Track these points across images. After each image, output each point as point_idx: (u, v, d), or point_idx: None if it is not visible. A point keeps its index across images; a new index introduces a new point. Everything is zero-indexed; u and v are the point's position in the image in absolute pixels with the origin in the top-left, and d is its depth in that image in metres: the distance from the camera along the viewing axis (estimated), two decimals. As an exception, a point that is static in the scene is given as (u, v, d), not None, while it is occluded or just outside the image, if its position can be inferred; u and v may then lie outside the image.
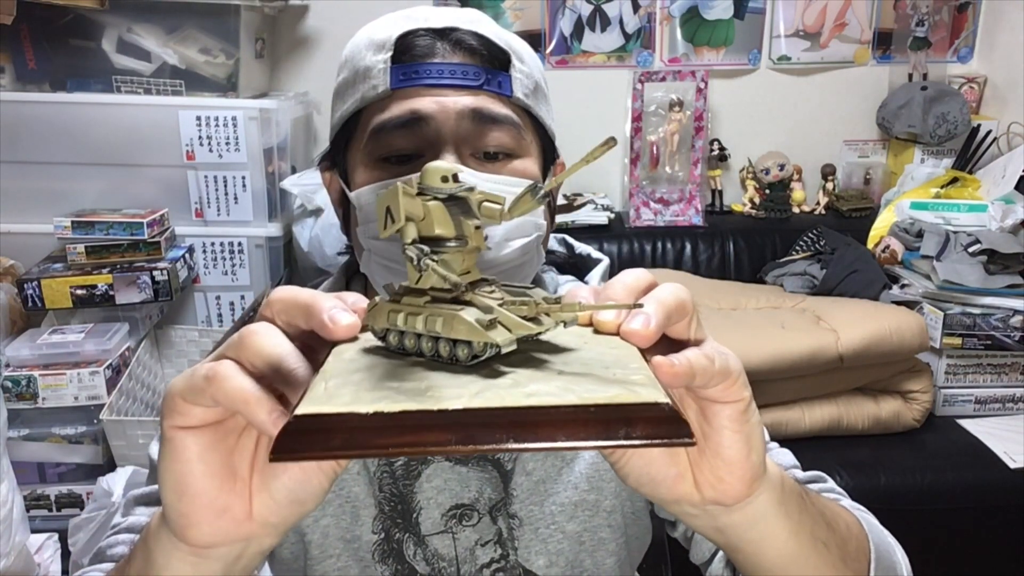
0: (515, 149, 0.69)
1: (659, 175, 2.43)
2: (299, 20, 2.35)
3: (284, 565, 0.77)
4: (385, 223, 0.41)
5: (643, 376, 0.38)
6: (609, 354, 0.41)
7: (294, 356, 0.42)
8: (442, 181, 0.41)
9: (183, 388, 0.42)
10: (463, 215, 0.41)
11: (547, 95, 0.74)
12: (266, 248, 1.94)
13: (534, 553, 0.74)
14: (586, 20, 2.41)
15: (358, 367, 0.41)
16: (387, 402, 0.36)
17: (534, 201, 0.40)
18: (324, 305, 0.43)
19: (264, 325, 0.43)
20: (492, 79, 0.67)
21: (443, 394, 0.37)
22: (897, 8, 2.47)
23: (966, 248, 1.95)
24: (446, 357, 0.40)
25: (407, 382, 0.39)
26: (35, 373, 1.57)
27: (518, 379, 0.38)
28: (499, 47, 0.68)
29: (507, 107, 0.68)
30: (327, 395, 0.38)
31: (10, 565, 1.32)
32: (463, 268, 0.41)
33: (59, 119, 1.84)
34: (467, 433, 0.35)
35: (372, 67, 0.68)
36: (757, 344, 1.72)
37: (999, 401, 1.93)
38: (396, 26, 0.69)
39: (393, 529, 0.74)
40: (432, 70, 0.66)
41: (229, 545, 0.44)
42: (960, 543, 1.72)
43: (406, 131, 0.66)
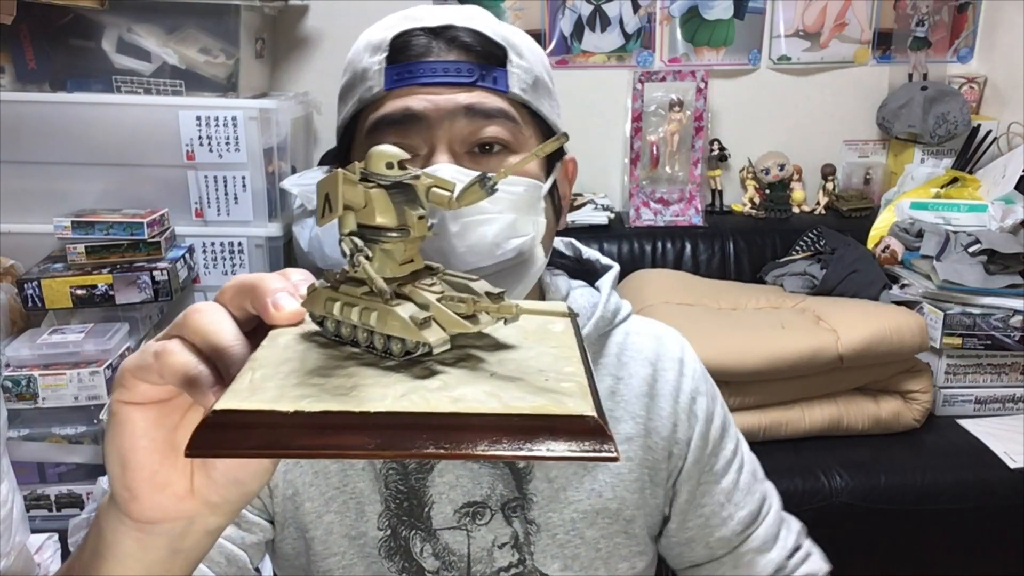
0: (511, 144, 0.68)
1: (659, 175, 2.43)
2: (299, 20, 2.35)
3: (287, 560, 0.77)
4: (323, 211, 0.40)
5: (574, 384, 0.38)
6: (547, 355, 0.41)
7: (231, 335, 0.42)
8: (386, 168, 0.40)
9: (133, 364, 0.43)
10: (407, 203, 0.40)
11: (551, 90, 0.73)
12: (266, 248, 1.94)
13: (550, 557, 0.75)
14: (586, 20, 2.41)
15: (290, 355, 0.40)
16: (310, 400, 0.36)
17: (483, 191, 0.39)
18: (269, 287, 0.43)
19: (208, 304, 0.44)
20: (487, 75, 0.67)
21: (368, 394, 0.36)
22: (897, 8, 2.47)
23: (966, 248, 1.95)
24: (380, 350, 0.40)
25: (334, 378, 0.38)
26: (35, 373, 1.57)
27: (447, 381, 0.37)
28: (495, 43, 0.68)
29: (503, 102, 0.67)
30: (251, 388, 0.37)
31: (10, 565, 1.32)
32: (405, 257, 0.41)
33: (59, 119, 1.84)
34: (388, 437, 0.34)
35: (369, 68, 0.68)
36: (757, 344, 1.72)
37: (999, 401, 1.93)
38: (393, 27, 0.69)
39: (400, 526, 0.73)
40: (426, 69, 0.66)
41: (172, 522, 0.45)
42: (960, 543, 1.72)
43: (400, 128, 0.66)
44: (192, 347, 0.42)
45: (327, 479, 0.74)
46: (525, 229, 0.68)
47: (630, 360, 0.79)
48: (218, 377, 0.41)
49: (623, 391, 0.78)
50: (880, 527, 1.67)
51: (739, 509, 0.81)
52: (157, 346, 0.42)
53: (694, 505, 0.80)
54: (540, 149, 0.39)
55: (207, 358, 0.42)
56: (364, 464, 0.74)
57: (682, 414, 0.79)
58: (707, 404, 0.81)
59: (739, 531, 0.81)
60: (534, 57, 0.72)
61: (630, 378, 0.78)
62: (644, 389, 0.78)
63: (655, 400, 0.78)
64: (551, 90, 0.74)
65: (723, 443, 0.81)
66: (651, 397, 0.78)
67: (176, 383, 0.41)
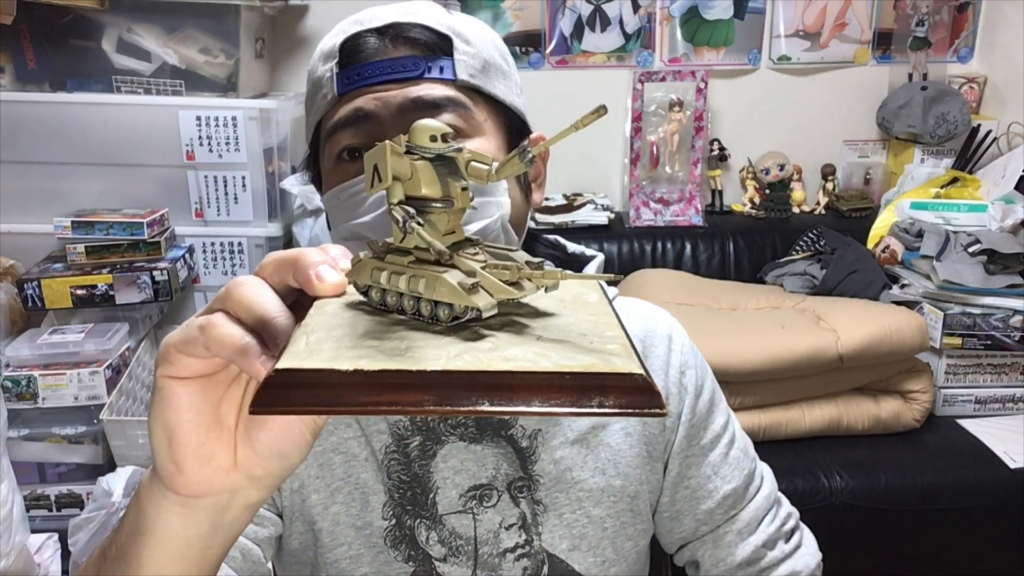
0: (464, 129, 0.69)
1: (659, 175, 2.43)
2: (299, 20, 2.35)
3: (293, 556, 0.78)
4: (372, 181, 0.41)
5: (618, 346, 0.39)
6: (587, 321, 0.42)
7: (276, 306, 0.43)
8: (431, 140, 0.40)
9: (178, 339, 0.44)
10: (450, 176, 0.41)
11: (506, 72, 0.74)
12: (266, 248, 1.94)
13: (558, 537, 0.75)
14: (586, 20, 2.41)
15: (340, 322, 0.41)
16: (367, 360, 0.37)
17: (522, 163, 0.40)
18: (311, 260, 0.44)
19: (250, 277, 0.45)
20: (432, 66, 0.68)
21: (422, 355, 0.37)
22: (897, 8, 2.47)
23: (966, 248, 1.95)
24: (427, 316, 0.41)
25: (387, 341, 0.39)
26: (35, 373, 1.57)
27: (497, 343, 0.38)
28: (440, 33, 0.69)
29: (451, 90, 0.69)
30: (308, 350, 0.38)
31: (10, 565, 1.32)
32: (448, 228, 0.42)
33: (59, 119, 1.84)
34: (444, 394, 0.35)
35: (323, 76, 0.71)
36: (757, 344, 1.72)
37: (999, 401, 1.93)
38: (341, 33, 0.71)
39: (404, 515, 0.74)
40: (373, 69, 0.68)
41: (216, 495, 0.45)
42: (960, 543, 1.72)
43: (354, 129, 0.68)
44: (236, 319, 0.43)
45: (332, 471, 0.75)
46: (488, 211, 0.69)
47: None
48: (264, 348, 0.41)
49: None
50: (880, 527, 1.67)
51: (726, 483, 0.82)
52: (201, 320, 0.43)
53: (682, 477, 0.81)
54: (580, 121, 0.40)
55: (252, 330, 0.42)
56: (367, 455, 0.74)
57: (672, 388, 0.80)
58: (696, 376, 0.82)
59: (725, 507, 0.82)
60: (482, 42, 0.72)
61: None
62: None
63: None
64: (506, 72, 0.74)
65: (712, 416, 0.83)
66: None
67: (224, 354, 0.42)
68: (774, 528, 0.83)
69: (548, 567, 0.75)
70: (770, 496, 0.84)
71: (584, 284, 0.48)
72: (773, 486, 0.86)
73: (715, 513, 0.82)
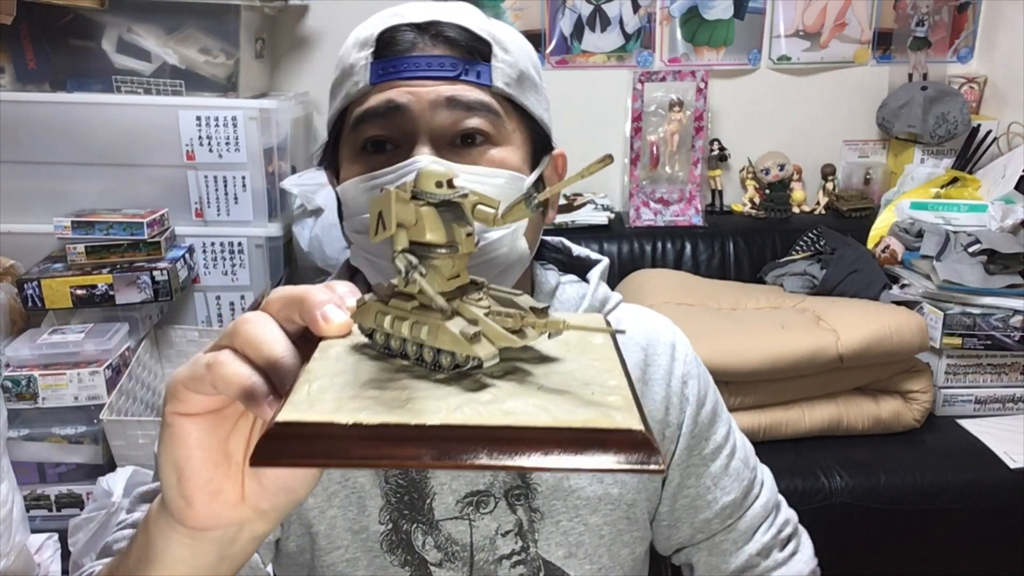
0: (493, 136, 0.69)
1: (659, 175, 2.43)
2: (299, 20, 2.35)
3: (290, 558, 0.78)
4: (376, 229, 0.41)
5: (620, 397, 0.39)
6: (590, 368, 0.42)
7: (283, 346, 0.43)
8: (436, 186, 0.41)
9: (185, 376, 0.44)
10: (455, 221, 0.41)
11: (538, 85, 0.74)
12: (266, 248, 1.94)
13: (554, 544, 0.75)
14: (586, 20, 2.41)
15: (343, 367, 0.41)
16: (367, 413, 0.37)
17: (527, 209, 0.40)
18: (317, 299, 0.44)
19: (257, 314, 0.45)
20: (470, 69, 0.68)
21: (423, 407, 0.37)
22: (897, 8, 2.47)
23: (966, 248, 1.95)
24: (429, 363, 0.41)
25: (389, 390, 0.39)
26: (35, 373, 1.57)
27: (497, 394, 0.38)
28: (480, 37, 0.69)
29: (485, 95, 0.68)
30: (309, 401, 0.38)
31: (10, 565, 1.32)
32: (452, 273, 0.42)
33: (59, 119, 1.84)
34: (443, 449, 0.36)
35: (356, 64, 0.70)
36: (757, 344, 1.72)
37: (999, 401, 1.93)
38: (380, 23, 0.70)
39: (401, 520, 0.74)
40: (410, 63, 0.67)
41: (223, 528, 0.46)
42: (960, 543, 1.71)
43: (383, 120, 0.68)
44: (244, 357, 0.43)
45: (328, 474, 0.75)
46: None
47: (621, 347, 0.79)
48: (271, 387, 0.41)
49: None
50: (880, 527, 1.67)
51: (725, 494, 0.82)
52: (208, 357, 0.43)
53: (682, 487, 0.81)
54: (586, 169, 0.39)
55: (259, 368, 0.42)
56: None
57: (674, 397, 0.80)
58: (698, 387, 0.82)
59: (722, 517, 0.82)
60: (520, 52, 0.72)
61: None
62: (637, 375, 0.79)
63: (648, 385, 0.79)
64: (538, 85, 0.74)
65: (714, 427, 0.82)
66: (644, 382, 0.79)
67: (230, 394, 0.42)
68: (769, 536, 0.83)
69: (544, 574, 0.76)
70: (768, 504, 0.84)
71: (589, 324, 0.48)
72: (772, 492, 0.85)
73: (712, 523, 0.82)
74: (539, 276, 0.80)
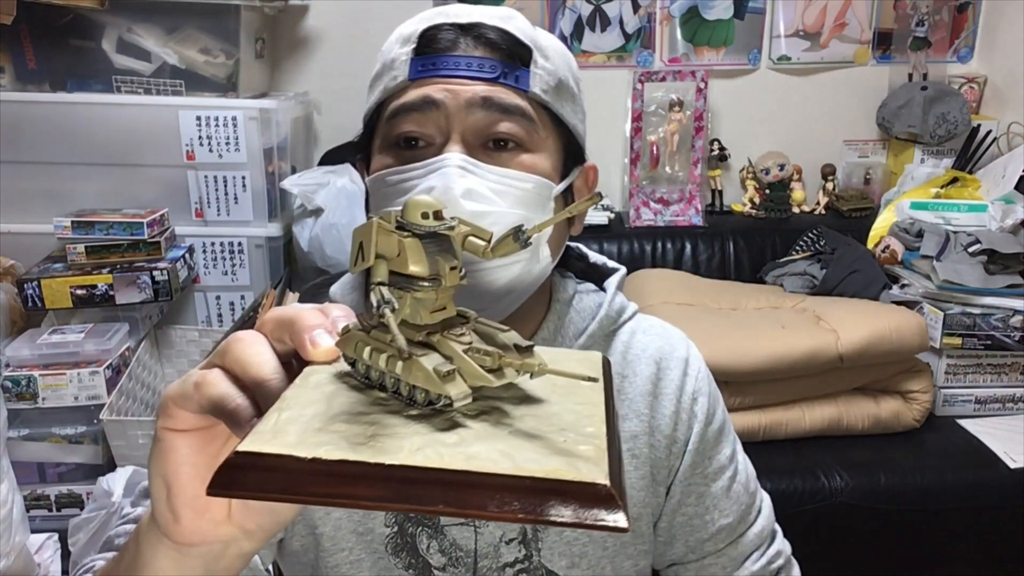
0: (526, 141, 0.69)
1: (659, 175, 2.43)
2: (299, 20, 2.35)
3: (294, 557, 0.78)
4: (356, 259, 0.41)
5: (592, 447, 0.37)
6: (571, 412, 0.41)
7: (270, 368, 0.43)
8: (422, 217, 0.40)
9: (176, 393, 0.44)
10: (440, 253, 0.40)
11: (575, 95, 0.74)
12: (266, 248, 1.94)
13: (557, 554, 0.75)
14: (586, 20, 2.41)
15: (318, 397, 0.41)
16: (329, 448, 0.36)
17: (516, 244, 0.39)
18: (307, 323, 0.44)
19: (250, 334, 0.45)
20: (509, 73, 0.68)
21: (386, 445, 0.37)
22: (897, 8, 2.47)
23: (966, 248, 1.95)
24: (405, 397, 0.40)
25: (356, 425, 0.38)
26: (35, 373, 1.57)
27: (465, 436, 0.38)
28: (521, 42, 0.69)
29: (522, 100, 0.68)
30: (274, 431, 0.38)
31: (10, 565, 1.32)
32: (436, 306, 0.41)
33: (59, 119, 1.84)
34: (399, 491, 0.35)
35: (396, 59, 0.70)
36: (757, 344, 1.72)
37: (999, 401, 1.93)
38: (424, 20, 0.71)
39: (407, 523, 0.74)
40: (449, 62, 0.68)
41: (209, 545, 0.46)
42: (960, 543, 1.71)
43: (418, 115, 0.68)
44: (232, 377, 0.43)
45: None
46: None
47: (635, 359, 0.80)
48: (257, 409, 0.42)
49: (628, 389, 0.78)
50: (880, 527, 1.67)
51: (723, 516, 0.81)
52: (198, 375, 0.43)
53: (682, 504, 0.81)
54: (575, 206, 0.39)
55: (247, 388, 0.42)
56: None
57: (683, 413, 0.79)
58: (708, 404, 0.81)
59: (716, 540, 0.81)
60: (560, 60, 0.72)
61: (635, 376, 0.79)
62: (648, 387, 0.79)
63: (658, 399, 0.79)
64: (575, 95, 0.74)
65: (719, 446, 0.82)
66: (655, 395, 0.79)
67: (215, 414, 0.42)
68: (759, 566, 0.82)
69: None
70: (762, 532, 0.83)
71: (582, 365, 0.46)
72: (768, 520, 0.85)
73: (706, 544, 0.82)
74: (557, 284, 0.80)
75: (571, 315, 0.79)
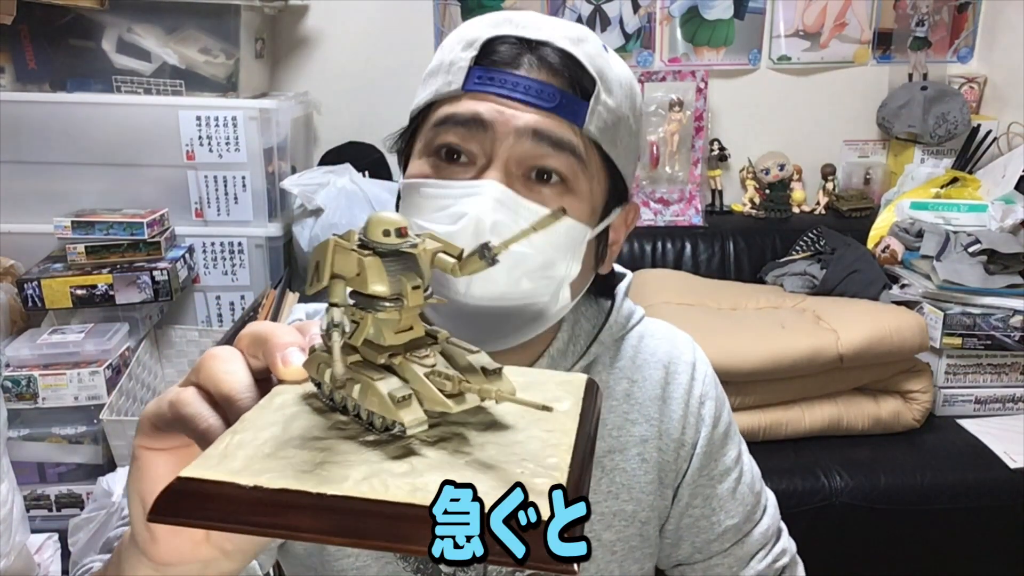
0: (569, 180, 0.65)
1: (659, 175, 2.43)
2: (299, 20, 2.35)
3: (297, 559, 0.78)
4: (312, 280, 0.39)
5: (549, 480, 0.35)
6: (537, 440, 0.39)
7: (242, 385, 0.42)
8: (384, 235, 0.38)
9: (152, 412, 0.44)
10: (403, 272, 0.39)
11: (633, 131, 0.71)
12: (266, 248, 1.94)
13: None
14: (586, 20, 2.41)
15: (277, 419, 0.40)
16: (272, 475, 0.35)
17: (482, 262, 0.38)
18: (280, 341, 0.43)
19: (226, 350, 0.44)
20: (567, 105, 0.64)
21: (331, 473, 0.35)
22: (897, 8, 2.47)
23: (966, 248, 1.95)
24: (365, 422, 0.39)
25: (306, 451, 0.37)
26: (35, 373, 1.57)
27: (416, 465, 0.36)
28: (588, 73, 0.65)
29: (575, 136, 0.65)
30: (221, 455, 0.37)
31: (10, 565, 1.32)
32: (401, 327, 0.39)
33: (59, 119, 1.84)
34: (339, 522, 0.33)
35: (455, 62, 0.67)
36: (757, 344, 1.72)
37: (999, 401, 1.93)
38: (490, 27, 0.67)
39: None
40: (508, 80, 0.64)
41: (187, 565, 0.45)
42: (960, 543, 1.71)
43: (464, 130, 0.65)
44: (206, 395, 0.42)
45: None
46: (555, 270, 0.66)
47: (644, 363, 0.80)
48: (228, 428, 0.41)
49: (637, 394, 0.79)
50: (880, 527, 1.67)
51: (729, 518, 0.82)
52: (172, 395, 0.43)
53: (689, 506, 0.81)
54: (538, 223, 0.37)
55: (220, 406, 0.42)
56: None
57: (691, 417, 0.80)
58: (714, 408, 0.82)
59: (723, 541, 0.82)
60: (624, 97, 0.68)
61: (644, 381, 0.79)
62: (657, 392, 0.79)
63: (667, 403, 0.79)
64: (634, 131, 0.71)
65: (725, 448, 0.82)
66: (664, 400, 0.79)
67: (186, 434, 0.42)
68: (765, 564, 0.83)
69: None
70: (768, 531, 0.84)
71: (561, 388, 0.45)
72: (772, 520, 0.85)
73: (712, 544, 0.82)
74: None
75: (581, 322, 0.78)
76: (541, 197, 0.65)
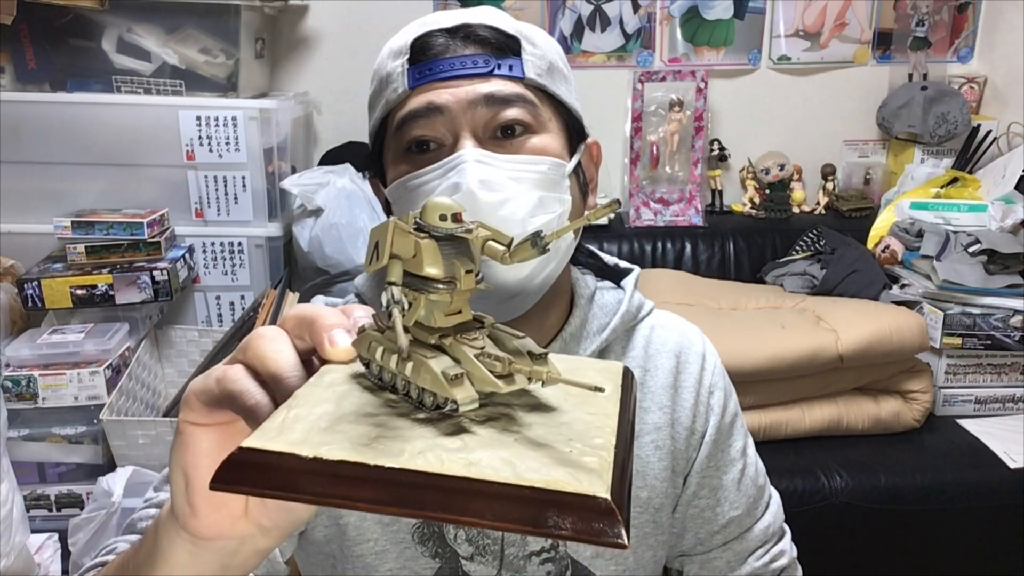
0: (532, 125, 0.71)
1: (659, 175, 2.43)
2: (299, 20, 2.35)
3: (316, 547, 0.78)
4: (371, 258, 0.41)
5: (598, 459, 0.37)
6: (582, 421, 0.40)
7: (290, 364, 0.43)
8: (440, 219, 0.40)
9: (199, 388, 0.45)
10: (457, 256, 0.40)
11: (567, 76, 0.76)
12: (266, 248, 1.94)
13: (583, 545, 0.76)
14: (586, 20, 2.41)
15: (329, 396, 0.41)
16: (331, 448, 0.36)
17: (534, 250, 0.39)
18: (327, 322, 0.44)
19: (272, 330, 0.45)
20: (503, 64, 0.71)
21: (387, 448, 0.36)
22: (897, 8, 2.47)
23: (966, 248, 1.95)
24: (415, 400, 0.40)
25: (362, 425, 0.38)
26: (35, 373, 1.57)
27: (468, 442, 0.37)
28: (509, 34, 0.72)
29: (520, 87, 0.71)
30: (280, 428, 0.38)
31: (10, 565, 1.32)
32: (451, 309, 0.40)
33: (59, 119, 1.84)
34: (396, 494, 0.35)
35: (392, 72, 0.72)
36: (757, 344, 1.72)
37: (999, 401, 1.93)
38: (412, 32, 0.73)
39: None
40: (445, 65, 0.70)
41: (225, 539, 0.46)
42: (960, 543, 1.71)
43: (425, 120, 0.70)
44: (253, 373, 0.43)
45: None
46: (552, 207, 0.71)
47: (656, 352, 0.82)
48: (275, 406, 0.42)
49: (650, 382, 0.81)
50: (880, 527, 1.67)
51: (732, 509, 0.83)
52: (219, 371, 0.44)
53: (696, 496, 0.83)
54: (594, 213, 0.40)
55: (267, 384, 0.43)
56: None
57: (701, 406, 0.82)
58: (723, 398, 0.84)
59: (724, 533, 0.83)
60: (548, 46, 0.75)
61: (656, 370, 0.81)
62: (670, 380, 0.81)
63: (679, 391, 0.81)
64: (567, 76, 0.77)
65: (731, 438, 0.84)
66: (675, 388, 0.81)
67: (233, 410, 0.43)
68: (762, 564, 0.84)
69: (571, 572, 0.77)
70: (768, 529, 0.85)
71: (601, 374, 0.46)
72: (775, 517, 0.86)
73: (714, 537, 0.83)
74: (577, 280, 0.82)
75: (593, 310, 0.81)
76: (513, 148, 0.70)
